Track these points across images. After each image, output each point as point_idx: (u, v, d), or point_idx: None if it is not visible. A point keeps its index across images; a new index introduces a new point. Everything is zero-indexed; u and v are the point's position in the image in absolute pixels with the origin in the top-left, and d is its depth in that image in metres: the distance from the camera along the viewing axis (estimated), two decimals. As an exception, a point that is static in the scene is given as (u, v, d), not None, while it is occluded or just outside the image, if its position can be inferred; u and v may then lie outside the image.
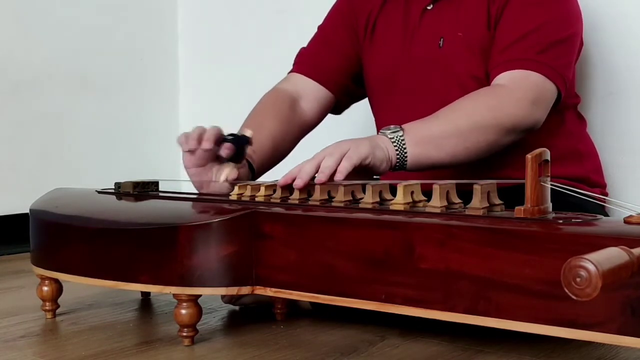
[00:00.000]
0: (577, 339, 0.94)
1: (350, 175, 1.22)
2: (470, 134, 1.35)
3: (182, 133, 1.39)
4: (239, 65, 2.57)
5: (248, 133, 1.40)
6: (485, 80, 1.47)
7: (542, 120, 1.41)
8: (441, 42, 1.51)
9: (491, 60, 1.45)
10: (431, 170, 1.39)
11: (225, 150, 1.35)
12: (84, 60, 2.44)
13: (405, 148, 1.31)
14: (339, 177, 1.21)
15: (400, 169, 1.32)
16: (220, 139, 1.36)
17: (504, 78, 1.41)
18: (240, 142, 1.37)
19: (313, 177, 1.24)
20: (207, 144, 1.35)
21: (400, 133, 1.31)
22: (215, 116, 2.59)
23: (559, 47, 1.44)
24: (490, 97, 1.39)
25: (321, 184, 1.21)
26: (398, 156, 1.30)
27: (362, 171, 1.26)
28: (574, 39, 1.48)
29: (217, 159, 1.39)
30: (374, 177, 1.35)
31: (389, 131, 1.32)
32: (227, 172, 1.37)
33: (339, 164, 1.22)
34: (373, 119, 1.69)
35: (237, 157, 1.37)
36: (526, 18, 1.44)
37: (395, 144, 1.30)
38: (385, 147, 1.29)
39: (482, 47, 1.47)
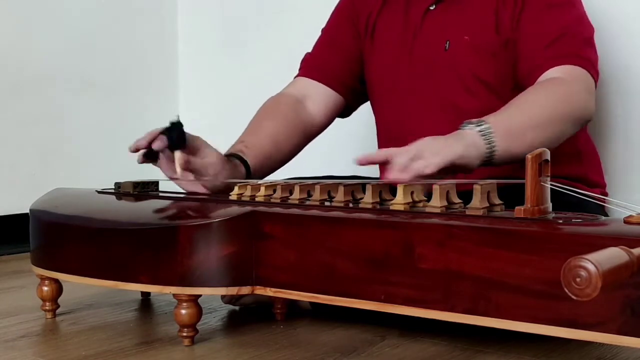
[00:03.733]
0: (577, 339, 0.94)
1: (436, 175, 1.17)
2: (548, 125, 1.33)
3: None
4: (239, 65, 2.57)
5: (175, 118, 1.39)
6: (492, 83, 1.47)
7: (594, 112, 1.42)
8: (447, 45, 1.51)
9: (531, 59, 1.43)
10: None
11: (156, 143, 1.35)
12: (84, 60, 2.44)
13: (494, 142, 1.25)
14: (427, 170, 1.15)
15: (487, 164, 1.26)
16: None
17: (556, 72, 1.40)
18: (170, 130, 1.37)
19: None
20: (141, 142, 1.36)
21: (487, 126, 1.25)
22: (215, 116, 2.61)
23: (589, 44, 1.45)
24: (558, 88, 1.37)
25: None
26: (487, 151, 1.24)
27: (450, 171, 1.20)
28: (593, 37, 1.49)
29: (151, 157, 1.39)
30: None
31: (473, 125, 1.25)
32: (176, 161, 1.36)
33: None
34: (373, 118, 1.69)
35: (177, 143, 1.36)
36: (554, 19, 1.44)
37: (484, 137, 1.24)
38: (476, 144, 1.23)
39: (489, 50, 1.47)
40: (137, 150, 1.38)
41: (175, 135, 1.36)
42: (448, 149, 1.18)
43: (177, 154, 1.36)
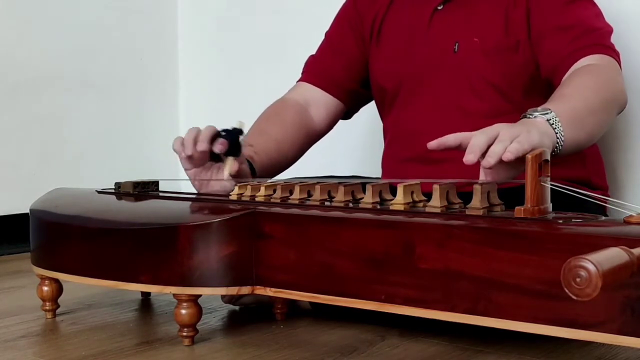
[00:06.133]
0: (577, 339, 0.94)
1: (512, 163, 1.07)
2: (600, 110, 1.29)
3: (176, 138, 1.39)
4: (238, 65, 2.57)
5: (239, 124, 1.40)
6: (501, 86, 1.46)
7: None
8: (456, 47, 1.49)
9: (556, 52, 1.41)
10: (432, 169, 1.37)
11: (218, 145, 1.36)
12: (84, 60, 2.44)
13: (562, 131, 1.17)
14: (508, 156, 1.04)
15: (554, 156, 1.15)
16: (215, 137, 1.37)
17: (590, 60, 1.37)
18: (232, 134, 1.38)
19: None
20: (202, 145, 1.35)
21: (554, 114, 1.17)
22: (215, 116, 2.60)
23: (610, 37, 1.45)
24: (601, 74, 1.35)
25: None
26: (557, 140, 1.16)
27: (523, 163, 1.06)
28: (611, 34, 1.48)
29: (214, 158, 1.39)
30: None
31: (537, 113, 1.17)
32: (228, 166, 1.38)
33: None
34: (379, 119, 1.69)
35: (233, 150, 1.38)
36: (575, 14, 1.43)
37: (553, 126, 1.16)
38: (548, 132, 1.14)
39: (500, 52, 1.46)
40: (195, 150, 1.36)
41: (236, 142, 1.38)
42: (527, 135, 1.08)
43: (230, 161, 1.38)
